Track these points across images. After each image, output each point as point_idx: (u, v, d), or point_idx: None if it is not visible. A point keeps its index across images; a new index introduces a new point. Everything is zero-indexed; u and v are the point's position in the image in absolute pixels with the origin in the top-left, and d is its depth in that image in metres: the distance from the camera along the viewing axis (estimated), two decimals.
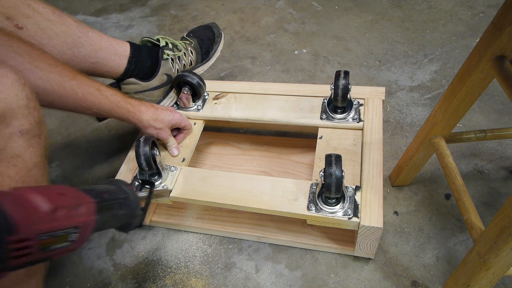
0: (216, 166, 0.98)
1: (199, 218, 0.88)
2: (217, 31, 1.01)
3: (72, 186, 0.46)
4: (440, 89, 1.11)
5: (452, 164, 0.70)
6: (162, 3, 1.65)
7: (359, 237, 0.70)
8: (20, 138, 0.51)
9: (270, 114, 0.87)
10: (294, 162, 0.96)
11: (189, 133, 0.89)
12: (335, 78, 0.77)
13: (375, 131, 0.79)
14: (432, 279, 0.75)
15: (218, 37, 1.00)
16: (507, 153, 0.93)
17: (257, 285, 0.78)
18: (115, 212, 0.53)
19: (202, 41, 0.98)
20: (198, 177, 0.78)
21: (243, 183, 0.76)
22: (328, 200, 0.68)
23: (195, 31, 1.01)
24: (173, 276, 0.81)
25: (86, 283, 0.83)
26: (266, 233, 0.82)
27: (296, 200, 0.71)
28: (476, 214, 0.63)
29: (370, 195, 0.69)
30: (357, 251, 0.76)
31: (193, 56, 0.94)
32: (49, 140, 1.12)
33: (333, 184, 0.63)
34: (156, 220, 0.88)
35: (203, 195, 0.75)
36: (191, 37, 0.98)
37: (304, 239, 0.81)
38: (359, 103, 0.84)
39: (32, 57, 0.61)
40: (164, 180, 0.77)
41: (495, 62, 0.57)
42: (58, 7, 0.76)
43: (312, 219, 0.69)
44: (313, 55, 1.29)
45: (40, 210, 0.38)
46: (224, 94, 0.94)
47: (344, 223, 0.68)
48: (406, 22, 1.36)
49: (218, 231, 0.86)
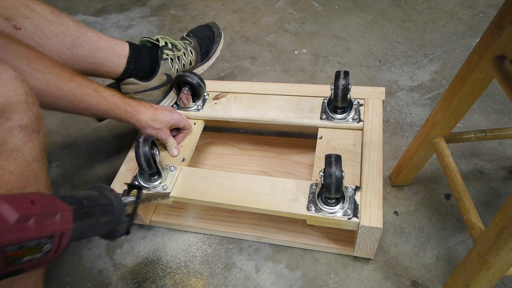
0: (216, 166, 0.98)
1: (199, 218, 0.88)
2: (217, 30, 1.00)
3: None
4: (440, 89, 1.11)
5: (452, 164, 0.70)
6: (162, 3, 1.65)
7: (358, 238, 0.70)
8: (20, 133, 0.51)
9: (270, 114, 0.87)
10: (294, 162, 0.95)
11: (189, 133, 0.89)
12: (335, 78, 0.77)
13: (375, 131, 0.79)
14: (432, 279, 0.75)
15: (218, 37, 1.00)
16: (507, 153, 0.93)
17: (257, 285, 0.78)
18: (96, 219, 0.50)
19: (202, 41, 0.98)
20: (198, 177, 0.78)
21: (243, 183, 0.75)
22: (328, 201, 0.68)
23: (194, 30, 1.01)
24: (173, 276, 0.81)
25: (86, 283, 0.83)
26: (265, 233, 0.82)
27: (295, 200, 0.71)
28: (476, 214, 0.63)
29: (370, 196, 0.68)
30: (357, 252, 0.76)
31: (193, 56, 0.94)
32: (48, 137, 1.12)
33: (333, 184, 0.63)
34: (155, 220, 0.88)
35: (202, 195, 0.75)
36: (190, 36, 0.98)
37: (304, 239, 0.81)
38: (359, 103, 0.84)
39: (29, 59, 0.61)
40: (164, 180, 0.77)
41: (495, 62, 0.57)
42: (58, 7, 0.76)
43: (312, 219, 0.69)
44: (313, 55, 1.29)
45: (5, 220, 0.36)
46: (224, 94, 0.94)
47: (344, 224, 0.68)
48: (406, 22, 1.36)
49: (218, 231, 0.86)
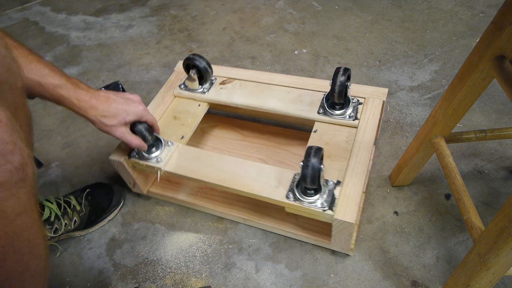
0: (217, 148, 1.02)
1: (192, 195, 0.91)
2: (117, 199, 0.93)
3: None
4: (440, 89, 1.11)
5: (452, 164, 0.70)
6: (162, 3, 1.65)
7: (333, 231, 0.71)
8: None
9: (270, 103, 0.89)
10: (292, 154, 0.97)
11: (157, 128, 0.82)
12: (334, 74, 0.78)
13: (368, 131, 0.79)
14: (432, 279, 0.75)
15: (114, 207, 0.93)
16: (507, 153, 0.93)
17: (257, 285, 0.78)
18: None
19: (93, 207, 0.90)
20: (191, 156, 0.82)
21: (232, 166, 0.79)
22: (307, 191, 0.70)
23: (94, 194, 0.92)
24: (173, 276, 0.81)
25: (86, 283, 0.83)
26: (252, 216, 0.86)
27: (277, 187, 0.74)
28: (476, 214, 0.63)
29: (350, 191, 0.70)
30: (333, 245, 0.78)
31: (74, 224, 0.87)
32: (48, 137, 1.12)
33: (309, 175, 0.65)
34: (153, 191, 0.93)
35: (192, 172, 0.79)
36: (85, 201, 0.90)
37: (287, 227, 0.83)
38: (358, 101, 0.85)
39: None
40: (160, 154, 0.81)
41: (495, 62, 0.57)
42: (58, 7, 0.76)
43: (290, 207, 0.72)
44: (313, 55, 1.29)
45: None
46: (231, 80, 0.96)
47: (319, 215, 0.70)
48: (406, 22, 1.36)
49: (207, 209, 0.90)
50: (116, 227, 0.91)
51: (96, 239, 0.90)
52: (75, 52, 1.45)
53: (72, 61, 1.41)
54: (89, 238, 0.90)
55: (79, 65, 1.39)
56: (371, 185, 0.91)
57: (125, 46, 1.44)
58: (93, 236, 0.90)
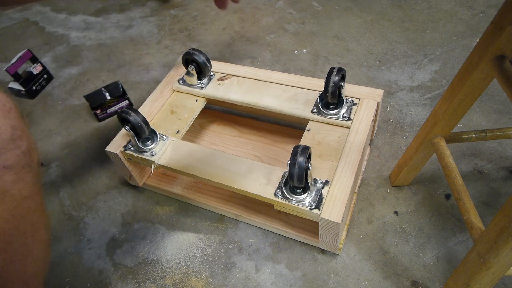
0: (213, 144, 1.03)
1: (187, 189, 0.93)
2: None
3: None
4: (440, 89, 1.11)
5: (452, 164, 0.70)
6: (162, 3, 1.65)
7: (320, 230, 0.72)
8: (6, 174, 0.47)
9: (266, 101, 0.89)
10: (287, 152, 0.98)
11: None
12: (327, 74, 0.78)
13: (360, 132, 0.79)
14: (432, 279, 0.75)
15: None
16: (507, 153, 0.93)
17: (257, 285, 0.78)
18: None
19: None
20: (185, 150, 0.83)
21: (223, 162, 0.80)
22: (296, 190, 0.71)
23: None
24: (173, 276, 0.81)
25: (86, 283, 0.83)
26: (243, 212, 0.86)
27: (266, 184, 0.74)
28: (476, 214, 0.63)
29: (337, 191, 0.70)
30: (321, 244, 0.78)
31: None
32: (48, 137, 1.12)
33: (295, 173, 0.65)
34: (148, 184, 0.95)
35: (184, 167, 0.80)
36: None
37: (277, 225, 0.84)
38: (352, 102, 0.85)
39: None
40: (155, 147, 0.83)
41: (495, 62, 0.57)
42: (58, 7, 0.76)
43: (278, 204, 0.73)
44: (313, 55, 1.29)
45: None
46: (229, 77, 0.97)
47: (306, 213, 0.70)
48: (406, 22, 1.36)
49: (200, 203, 0.91)
50: (116, 227, 0.91)
51: (96, 239, 0.90)
52: (75, 52, 1.45)
53: (72, 61, 1.41)
54: (89, 238, 0.90)
55: (79, 65, 1.39)
56: (371, 185, 0.91)
57: (125, 46, 1.44)
58: (93, 236, 0.90)
